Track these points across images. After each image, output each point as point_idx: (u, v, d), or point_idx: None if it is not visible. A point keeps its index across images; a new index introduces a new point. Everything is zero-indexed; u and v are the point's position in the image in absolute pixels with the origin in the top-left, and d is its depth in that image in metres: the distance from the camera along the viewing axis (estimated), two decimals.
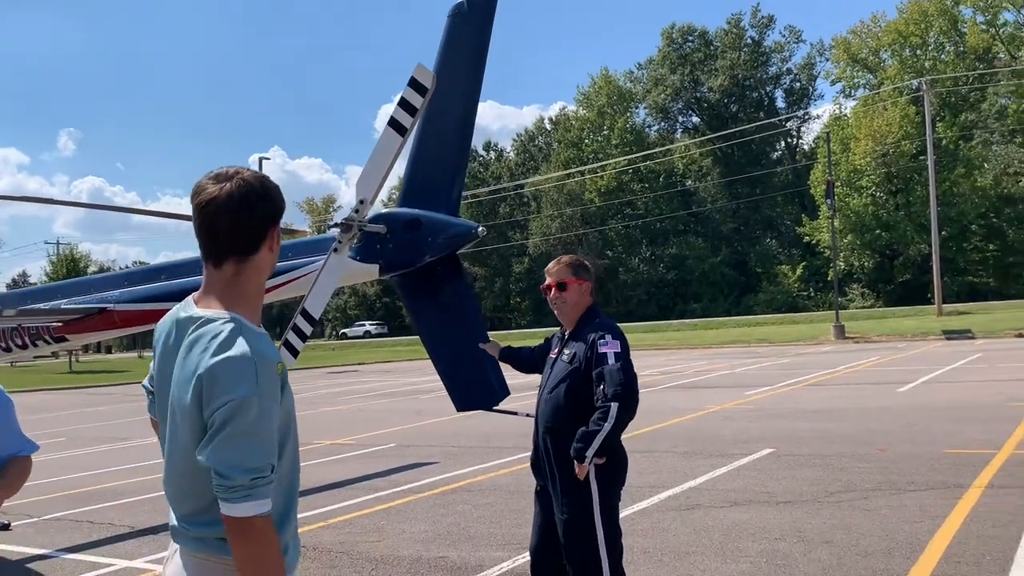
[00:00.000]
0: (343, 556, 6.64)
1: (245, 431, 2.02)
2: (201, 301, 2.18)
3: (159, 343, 2.23)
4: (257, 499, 2.04)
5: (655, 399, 17.48)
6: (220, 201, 2.13)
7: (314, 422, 17.17)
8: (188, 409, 2.06)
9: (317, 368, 43.06)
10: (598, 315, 4.13)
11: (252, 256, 2.18)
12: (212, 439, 2.02)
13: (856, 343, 35.75)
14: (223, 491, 2.03)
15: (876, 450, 9.99)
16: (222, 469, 2.02)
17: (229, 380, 2.03)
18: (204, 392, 2.03)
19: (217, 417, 2.02)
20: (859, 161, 58.32)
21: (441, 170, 5.19)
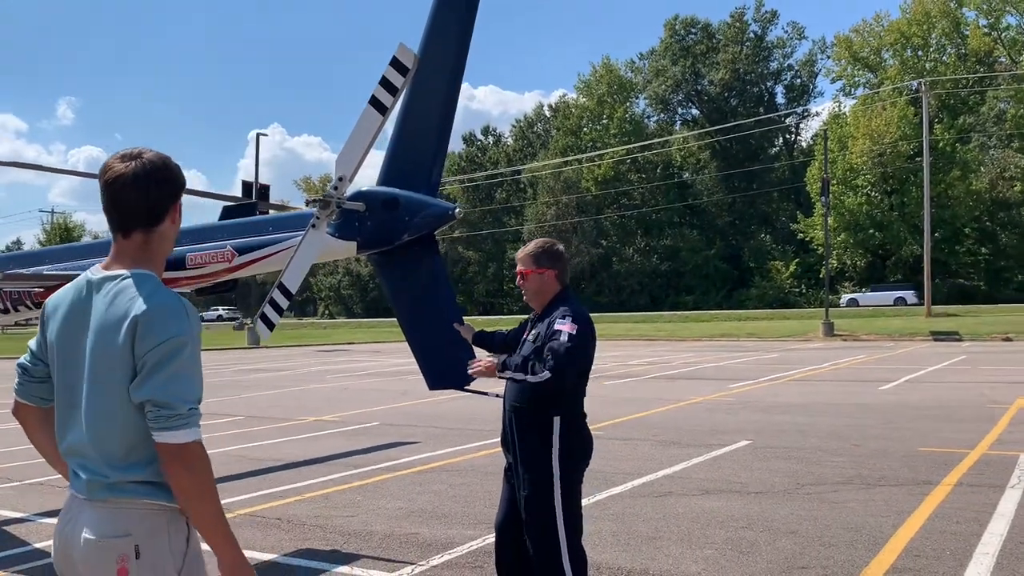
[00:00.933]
0: (316, 529, 6.72)
1: (182, 366, 2.22)
2: (112, 267, 2.36)
3: (59, 311, 2.37)
4: (194, 427, 2.22)
5: (639, 388, 17.60)
6: (127, 178, 2.32)
7: (299, 399, 17.25)
8: (119, 351, 2.21)
9: (307, 346, 43.12)
10: (567, 300, 4.16)
11: (157, 228, 2.37)
12: (152, 375, 2.18)
13: (844, 341, 35.93)
14: (163, 421, 2.17)
15: (851, 445, 10.11)
16: (164, 399, 2.18)
17: (164, 321, 2.22)
18: (139, 332, 2.19)
19: (154, 355, 2.19)
20: (856, 160, 58.45)
21: (421, 152, 5.25)
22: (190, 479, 2.20)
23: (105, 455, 2.25)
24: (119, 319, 2.22)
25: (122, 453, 2.24)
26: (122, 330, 2.20)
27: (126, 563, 2.20)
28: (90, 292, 2.33)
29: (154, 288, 2.29)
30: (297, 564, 5.82)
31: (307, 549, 6.18)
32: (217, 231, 6.03)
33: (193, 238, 6.02)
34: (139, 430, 2.23)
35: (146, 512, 2.24)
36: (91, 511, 2.25)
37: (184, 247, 5.93)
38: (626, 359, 27.17)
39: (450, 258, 79.30)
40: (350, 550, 6.13)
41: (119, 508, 2.23)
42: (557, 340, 3.88)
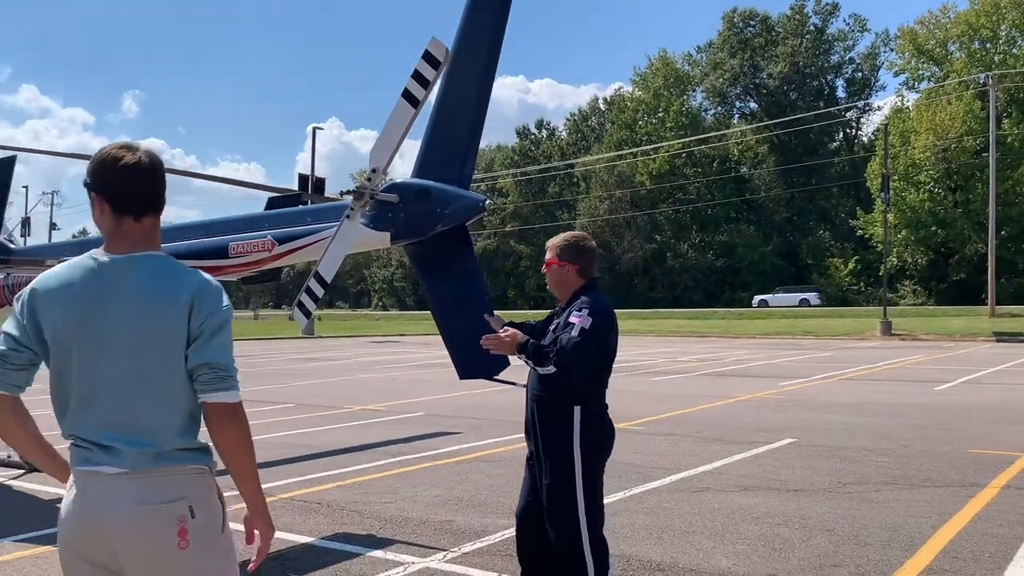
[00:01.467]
0: (354, 514, 6.85)
1: (228, 335, 2.47)
2: (121, 249, 2.46)
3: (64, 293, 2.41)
4: (239, 388, 2.46)
5: (688, 385, 17.48)
6: (146, 166, 2.48)
7: (349, 388, 17.53)
8: (174, 325, 2.38)
9: (360, 337, 43.71)
10: (591, 292, 4.16)
11: (159, 213, 2.55)
12: (210, 340, 2.40)
13: (902, 340, 35.15)
14: (219, 382, 2.39)
15: (898, 446, 9.93)
16: (222, 361, 2.40)
17: (216, 295, 2.46)
18: (196, 305, 2.39)
19: (210, 324, 2.40)
20: (919, 155, 56.97)
21: (454, 145, 5.32)
22: (240, 435, 2.42)
23: (160, 426, 2.38)
24: (171, 295, 2.39)
25: (179, 422, 2.40)
26: (177, 305, 2.38)
27: (184, 523, 2.36)
28: (108, 273, 2.43)
29: (192, 269, 2.51)
30: (332, 547, 5.95)
31: (343, 533, 6.31)
32: (258, 221, 6.18)
33: (236, 228, 6.19)
34: (190, 399, 2.41)
35: (193, 476, 2.42)
36: (135, 483, 2.35)
37: (227, 236, 6.10)
38: (677, 355, 26.99)
39: (501, 252, 79.56)
40: (385, 535, 6.24)
41: (172, 475, 2.38)
42: (568, 334, 3.90)
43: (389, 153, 5.01)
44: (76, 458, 2.42)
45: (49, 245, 16.39)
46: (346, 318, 68.04)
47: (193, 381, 2.40)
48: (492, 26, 5.19)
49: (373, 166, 5.10)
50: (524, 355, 4.01)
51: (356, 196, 5.17)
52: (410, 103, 4.81)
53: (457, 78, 5.19)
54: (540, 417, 4.11)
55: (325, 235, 5.52)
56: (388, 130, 4.96)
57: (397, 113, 4.88)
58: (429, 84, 4.77)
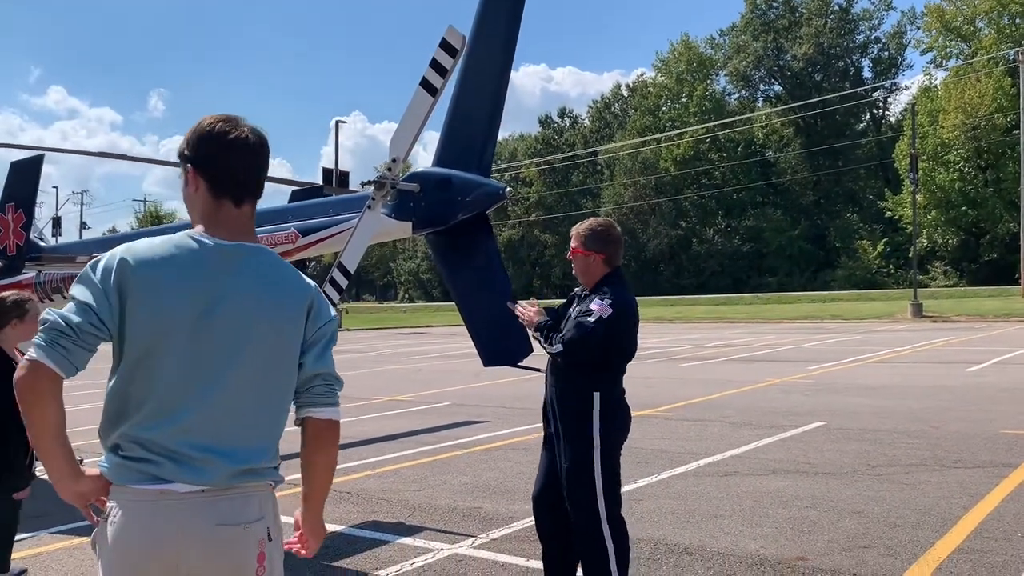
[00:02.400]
0: (383, 502, 6.92)
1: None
2: (222, 235, 2.14)
3: (167, 274, 2.06)
4: None
5: (715, 370, 17.40)
6: (250, 144, 2.17)
7: (374, 379, 17.64)
8: (295, 329, 2.16)
9: (387, 329, 43.94)
10: (615, 282, 4.18)
11: (257, 199, 2.25)
12: (326, 349, 2.22)
13: (933, 322, 34.72)
14: (331, 396, 2.23)
15: (929, 427, 9.83)
16: (335, 373, 2.25)
17: (327, 301, 2.31)
18: (314, 310, 2.20)
19: (325, 331, 2.23)
20: (947, 135, 56.16)
21: (473, 133, 5.33)
22: (336, 456, 2.30)
23: (262, 439, 2.14)
24: (295, 294, 2.17)
25: (278, 435, 2.19)
26: (301, 306, 2.17)
27: (264, 546, 2.11)
28: (217, 259, 2.10)
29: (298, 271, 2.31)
30: (362, 535, 6.01)
31: (373, 521, 6.38)
32: (282, 214, 6.25)
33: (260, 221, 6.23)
34: (286, 412, 2.21)
35: (269, 492, 2.20)
36: (213, 501, 2.06)
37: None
38: (704, 341, 26.87)
39: (526, 241, 79.51)
40: (414, 522, 6.30)
41: (250, 492, 2.12)
42: (584, 318, 3.94)
43: (409, 143, 5.04)
44: (132, 474, 2.04)
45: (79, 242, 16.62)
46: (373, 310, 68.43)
47: (302, 392, 2.18)
48: (509, 11, 5.19)
49: (393, 156, 5.13)
50: (538, 332, 4.08)
51: (377, 186, 5.20)
52: (428, 92, 4.84)
53: (475, 65, 5.20)
54: (560, 403, 4.15)
55: (347, 226, 5.56)
56: (407, 120, 4.99)
57: (416, 103, 4.91)
58: (447, 72, 4.79)
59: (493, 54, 5.22)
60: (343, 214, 5.76)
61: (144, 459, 2.02)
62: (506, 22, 5.19)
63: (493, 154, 5.51)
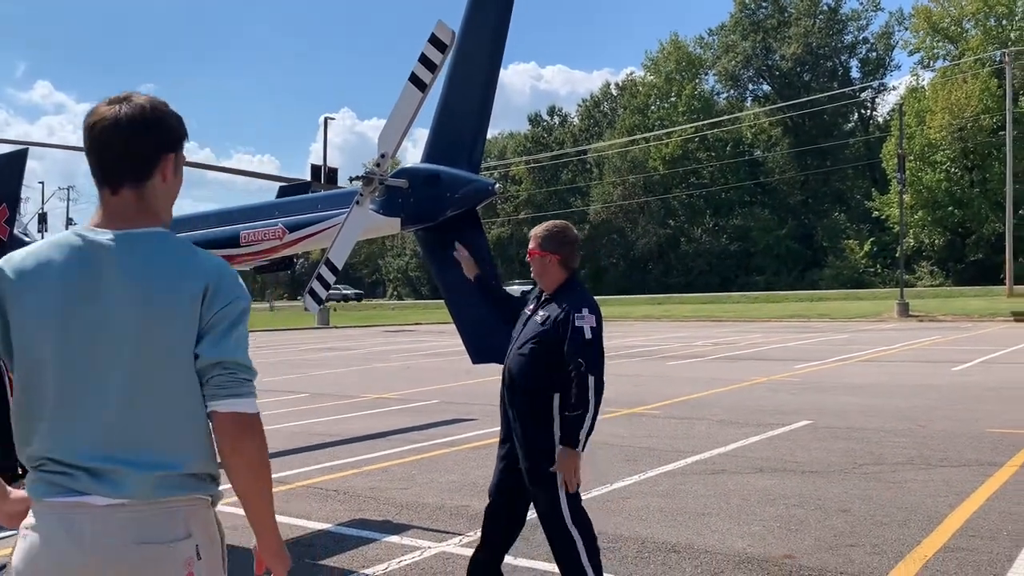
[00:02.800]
0: (371, 501, 6.89)
1: (247, 332, 2.02)
2: (110, 225, 2.00)
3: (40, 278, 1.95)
4: (256, 396, 2.02)
5: (702, 369, 17.43)
6: (109, 124, 1.99)
7: (364, 377, 17.60)
8: (184, 318, 1.94)
9: (375, 327, 43.83)
10: (577, 286, 4.26)
11: (146, 183, 2.03)
12: (227, 333, 1.96)
13: (920, 321, 34.90)
14: (237, 386, 1.95)
15: (915, 426, 9.88)
16: (241, 359, 1.97)
17: (234, 281, 2.02)
18: (210, 294, 1.96)
19: (226, 314, 1.96)
20: (934, 135, 56.46)
21: (463, 129, 5.31)
22: (258, 455, 1.98)
23: (174, 443, 1.96)
24: (180, 281, 1.95)
25: (198, 439, 1.98)
26: (188, 294, 1.94)
27: (192, 567, 1.95)
28: (98, 254, 1.96)
29: (202, 251, 2.07)
30: (349, 533, 5.98)
31: (360, 519, 6.35)
32: (269, 209, 6.20)
33: (246, 216, 6.21)
34: (200, 412, 1.97)
35: (200, 507, 2.00)
36: (134, 516, 1.91)
37: (238, 225, 6.13)
38: (692, 340, 26.92)
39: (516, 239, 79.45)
40: (402, 520, 6.28)
41: (176, 507, 1.95)
42: (583, 338, 3.99)
43: (397, 138, 5.01)
44: (47, 487, 1.91)
45: None
46: (361, 308, 68.28)
47: (203, 385, 1.95)
48: (499, 6, 5.18)
49: (382, 152, 5.10)
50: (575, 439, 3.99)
51: (365, 182, 5.18)
52: (417, 87, 4.81)
53: (464, 61, 5.18)
54: (520, 402, 4.20)
55: (335, 222, 5.53)
56: (396, 115, 4.96)
57: (405, 98, 4.88)
58: (436, 68, 4.77)
59: (482, 49, 5.20)
60: (331, 210, 5.74)
61: (60, 472, 1.91)
62: (496, 17, 5.17)
63: (483, 150, 5.49)
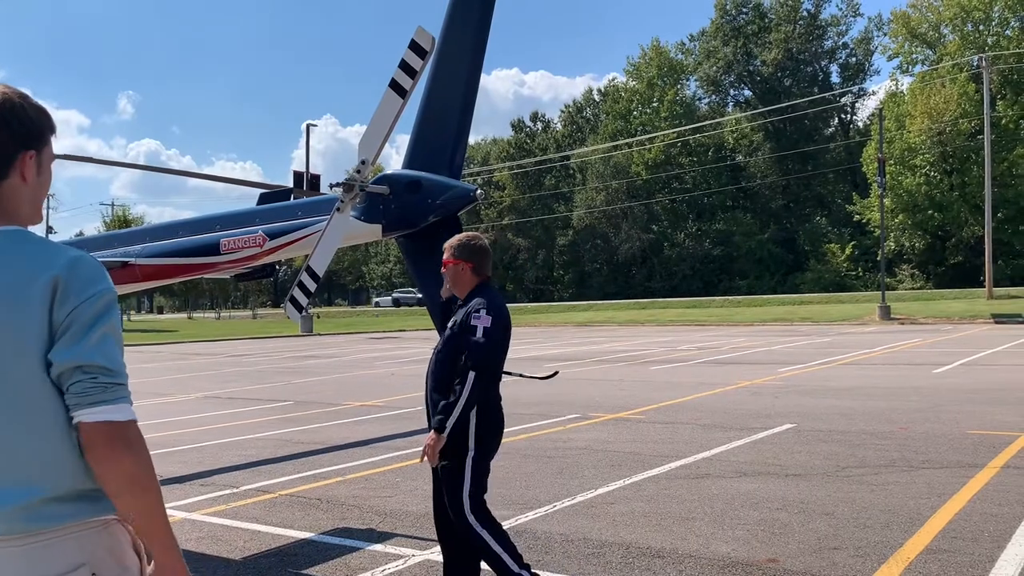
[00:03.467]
0: (354, 509, 6.85)
1: (114, 327, 1.78)
2: None
3: None
4: (130, 402, 1.79)
5: (686, 373, 17.48)
6: None
7: (346, 384, 17.52)
8: (31, 323, 1.71)
9: (359, 333, 43.69)
10: (485, 291, 4.39)
11: (2, 181, 1.83)
12: (84, 335, 1.72)
13: (901, 324, 35.18)
14: (100, 392, 1.71)
15: (897, 429, 9.93)
16: (103, 363, 1.73)
17: (91, 276, 1.78)
18: (60, 292, 1.72)
19: (83, 312, 1.73)
20: (914, 139, 56.94)
21: (444, 135, 5.31)
22: (137, 465, 1.73)
23: (39, 464, 1.72)
24: (24, 279, 1.72)
25: (68, 455, 1.74)
26: (34, 296, 1.71)
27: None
28: None
29: (57, 245, 1.83)
30: (332, 542, 5.94)
31: (343, 528, 6.31)
32: (249, 217, 6.17)
33: (226, 224, 6.17)
34: (64, 426, 1.74)
35: (95, 530, 1.78)
36: (16, 551, 1.69)
37: (218, 233, 6.08)
38: (675, 344, 26.99)
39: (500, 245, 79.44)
40: (385, 529, 6.24)
41: (70, 534, 1.74)
42: (474, 336, 4.17)
43: (378, 145, 5.00)
44: None
45: None
46: (345, 315, 68.02)
47: (65, 394, 1.71)
48: (479, 12, 5.18)
49: (362, 158, 5.09)
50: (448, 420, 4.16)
51: (346, 188, 5.16)
52: (398, 93, 4.81)
53: (445, 66, 5.19)
54: (436, 405, 4.29)
55: (316, 229, 5.51)
56: (376, 121, 4.95)
57: (385, 104, 4.88)
58: (416, 73, 4.76)
59: (463, 55, 5.20)
60: (312, 217, 5.71)
61: None
62: (476, 23, 5.17)
63: (464, 156, 5.49)
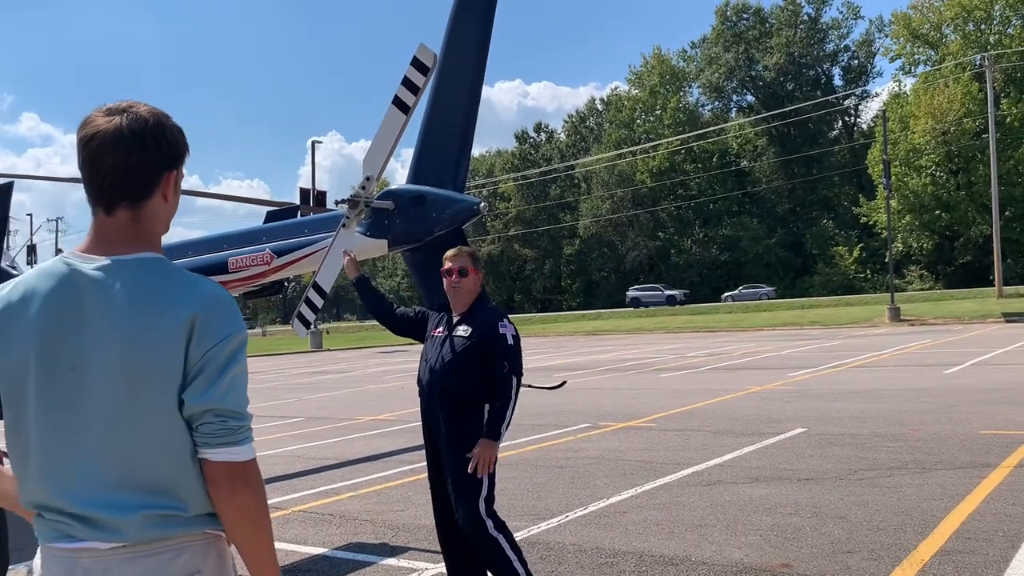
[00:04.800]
0: (367, 524, 6.86)
1: (242, 369, 1.85)
2: (98, 249, 1.86)
3: (24, 313, 1.82)
4: (252, 441, 1.87)
5: (696, 380, 17.45)
6: (109, 137, 1.82)
7: (357, 399, 17.55)
8: (168, 354, 1.77)
9: (368, 348, 43.76)
10: (489, 301, 4.57)
11: (145, 202, 1.87)
12: (216, 378, 1.79)
13: (911, 326, 35.03)
14: (228, 434, 1.80)
15: (909, 430, 9.90)
16: (232, 408, 1.81)
17: (228, 312, 1.84)
18: (197, 329, 1.77)
19: (216, 355, 1.79)
20: (918, 140, 56.89)
21: (447, 150, 5.36)
22: (254, 502, 1.83)
23: (174, 481, 1.82)
24: (164, 314, 1.77)
25: (178, 478, 1.83)
26: (172, 331, 1.76)
27: None
28: (83, 282, 1.81)
29: (195, 277, 1.89)
30: (346, 557, 5.96)
31: (356, 543, 6.33)
32: (256, 235, 6.22)
33: (233, 243, 6.22)
34: (189, 452, 1.83)
35: (207, 544, 1.87)
36: (135, 558, 1.79)
37: (226, 252, 6.14)
38: (684, 351, 26.95)
39: (506, 256, 79.58)
40: (398, 543, 6.25)
41: (182, 545, 1.83)
42: (507, 343, 4.31)
43: (382, 161, 5.05)
44: (51, 533, 1.83)
45: None
46: (354, 330, 68.15)
47: (192, 429, 1.80)
48: (479, 27, 5.23)
49: (366, 174, 5.14)
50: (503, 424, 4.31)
51: (351, 205, 5.21)
52: (401, 110, 4.85)
53: (447, 82, 5.24)
54: (450, 415, 4.35)
55: (323, 245, 5.55)
56: (380, 138, 5.00)
57: (388, 121, 4.93)
58: (419, 90, 4.81)
59: (464, 70, 5.25)
60: (318, 233, 5.75)
61: (56, 520, 1.82)
62: (476, 39, 5.23)
63: (467, 169, 5.53)
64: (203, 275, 1.99)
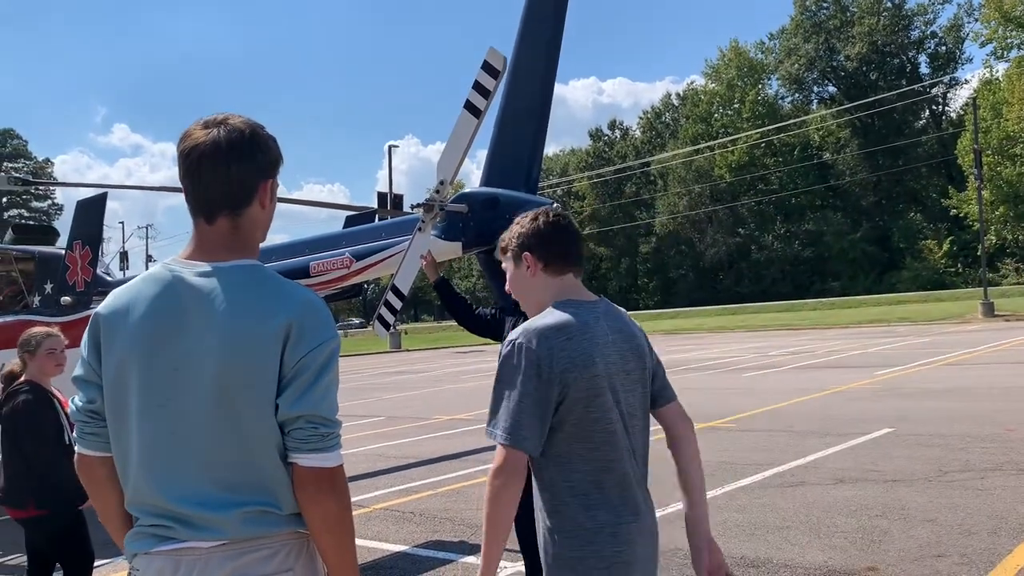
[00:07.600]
0: (446, 522, 6.96)
1: (335, 376, 1.90)
2: (201, 256, 1.93)
3: (130, 319, 1.89)
4: (340, 447, 1.92)
5: (779, 379, 17.11)
6: (208, 149, 1.89)
7: (435, 399, 17.76)
8: (264, 359, 1.82)
9: (445, 348, 44.19)
10: None
11: (244, 210, 1.93)
12: (310, 385, 1.83)
13: (1006, 321, 33.59)
14: (318, 440, 1.84)
15: (1003, 430, 9.52)
16: (324, 414, 1.85)
17: (323, 320, 1.89)
18: (293, 335, 1.82)
19: (310, 362, 1.83)
20: (1012, 127, 54.48)
21: (519, 152, 5.39)
22: (339, 507, 1.88)
23: (271, 481, 1.87)
24: (261, 320, 1.82)
25: (273, 479, 1.88)
26: (269, 337, 1.81)
27: None
28: (183, 290, 1.88)
29: (291, 285, 1.94)
30: (426, 555, 6.05)
31: (436, 540, 6.42)
32: (336, 239, 6.37)
33: (315, 247, 6.39)
34: (282, 454, 1.87)
35: (298, 543, 1.92)
36: (232, 554, 1.85)
37: (308, 256, 6.31)
38: (767, 350, 26.43)
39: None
40: (477, 541, 6.30)
41: (275, 543, 1.88)
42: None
43: (455, 165, 5.12)
44: (151, 540, 1.89)
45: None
46: (432, 331, 68.96)
47: (284, 434, 1.85)
48: (550, 26, 5.25)
49: (441, 178, 5.21)
50: None
51: (426, 209, 5.29)
52: (472, 114, 4.91)
53: (519, 83, 5.27)
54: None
55: (399, 248, 5.65)
56: (453, 142, 5.07)
57: (461, 125, 4.99)
58: (490, 94, 4.86)
59: (535, 71, 5.28)
60: (395, 237, 5.86)
61: (157, 524, 1.87)
62: (548, 39, 5.25)
63: (539, 171, 5.56)
64: (288, 278, 2.05)
